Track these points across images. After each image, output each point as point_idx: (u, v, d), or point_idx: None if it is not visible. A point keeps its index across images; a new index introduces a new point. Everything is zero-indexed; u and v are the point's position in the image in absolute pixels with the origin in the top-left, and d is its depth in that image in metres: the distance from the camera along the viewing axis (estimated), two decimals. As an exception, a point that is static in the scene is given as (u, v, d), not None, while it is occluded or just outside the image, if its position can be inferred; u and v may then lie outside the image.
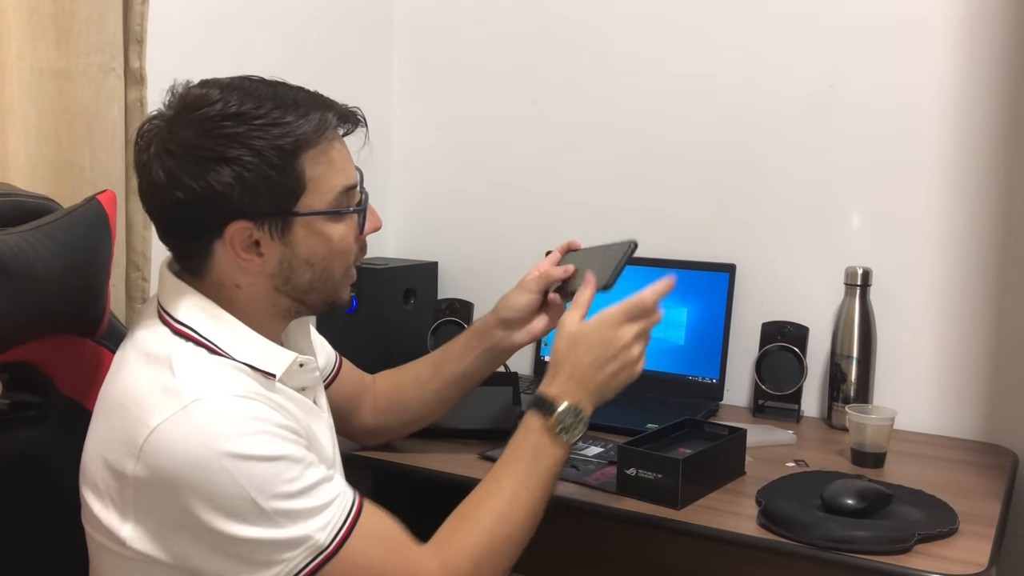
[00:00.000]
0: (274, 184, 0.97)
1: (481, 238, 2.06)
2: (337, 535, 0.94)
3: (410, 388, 1.39)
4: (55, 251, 1.02)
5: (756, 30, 1.77)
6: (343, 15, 1.98)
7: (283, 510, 0.91)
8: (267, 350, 1.01)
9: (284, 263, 1.02)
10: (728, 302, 1.76)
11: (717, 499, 1.30)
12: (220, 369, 0.97)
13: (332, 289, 1.07)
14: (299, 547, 0.92)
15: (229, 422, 0.91)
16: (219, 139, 0.96)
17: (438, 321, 1.89)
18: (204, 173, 0.95)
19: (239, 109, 0.96)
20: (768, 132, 1.77)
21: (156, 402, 0.92)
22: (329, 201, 1.02)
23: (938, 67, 1.63)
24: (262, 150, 0.96)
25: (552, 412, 1.10)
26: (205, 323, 1.00)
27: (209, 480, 0.89)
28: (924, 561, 1.11)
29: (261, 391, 0.97)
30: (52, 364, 1.08)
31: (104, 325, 1.11)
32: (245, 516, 0.90)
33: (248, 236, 0.99)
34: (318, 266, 1.04)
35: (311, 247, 1.02)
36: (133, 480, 0.91)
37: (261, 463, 0.91)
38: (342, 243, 1.04)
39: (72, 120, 1.28)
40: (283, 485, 0.91)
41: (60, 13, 1.25)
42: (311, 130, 0.99)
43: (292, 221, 1.00)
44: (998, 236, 1.61)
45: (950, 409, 1.65)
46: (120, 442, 0.92)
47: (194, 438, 0.89)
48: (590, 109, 1.94)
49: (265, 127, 0.97)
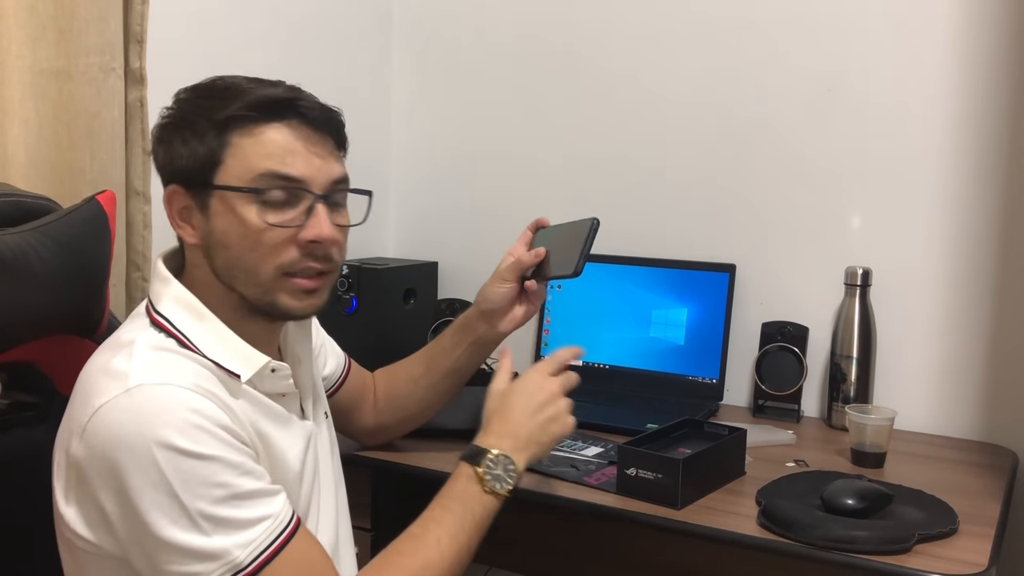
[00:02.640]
0: (198, 151, 0.99)
1: (481, 238, 2.06)
2: (259, 557, 0.89)
3: (404, 386, 1.39)
4: (55, 251, 1.02)
5: (756, 31, 1.77)
6: (343, 15, 1.98)
7: (207, 514, 0.88)
8: (239, 351, 1.00)
9: (206, 239, 1.01)
10: (728, 302, 1.76)
11: (717, 499, 1.30)
12: (177, 360, 0.95)
13: (260, 286, 1.01)
14: (216, 560, 0.88)
15: (166, 411, 0.89)
16: (172, 111, 1.02)
17: (438, 321, 1.88)
18: (162, 141, 1.02)
19: (195, 87, 1.03)
20: (769, 132, 1.77)
21: (103, 384, 0.91)
22: (247, 180, 0.98)
23: (938, 68, 1.63)
24: (195, 118, 1.00)
25: (480, 461, 1.07)
26: (182, 317, 0.99)
27: (139, 465, 0.87)
28: (924, 561, 1.11)
29: (213, 390, 0.95)
30: (51, 364, 1.08)
31: (103, 325, 1.11)
32: (168, 511, 0.87)
33: (182, 205, 1.02)
34: (232, 250, 1.00)
35: (224, 226, 0.99)
36: (76, 460, 0.90)
37: (191, 459, 0.88)
38: (259, 232, 0.98)
39: (72, 120, 1.28)
40: (211, 488, 0.88)
41: (60, 13, 1.25)
42: (251, 109, 0.98)
43: (210, 194, 1.00)
44: (998, 236, 1.61)
45: (950, 409, 1.65)
46: (71, 423, 0.93)
47: (130, 421, 0.88)
48: (591, 110, 1.94)
49: (208, 99, 1.00)
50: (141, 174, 1.38)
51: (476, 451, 1.08)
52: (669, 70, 1.85)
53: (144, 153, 1.38)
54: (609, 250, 1.83)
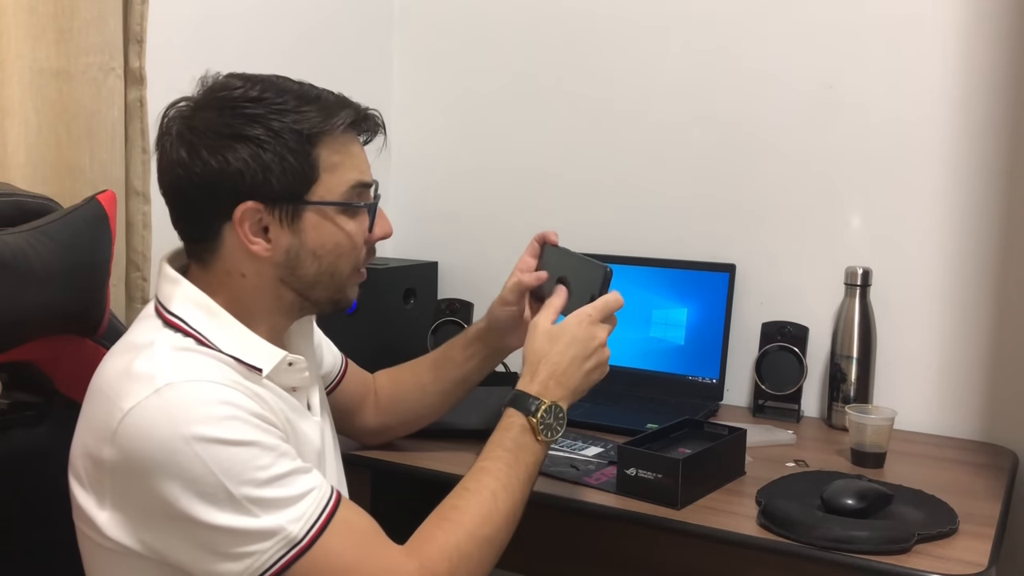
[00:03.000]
0: (289, 167, 0.99)
1: (481, 238, 2.06)
2: (312, 528, 0.92)
3: (411, 389, 1.39)
4: (55, 251, 1.02)
5: (755, 31, 1.77)
6: (344, 12, 1.98)
7: (254, 497, 0.89)
8: (256, 346, 1.01)
9: (291, 253, 1.02)
10: (728, 302, 1.76)
11: (717, 499, 1.30)
12: (200, 359, 0.96)
13: (338, 286, 1.07)
14: (271, 538, 0.90)
15: (199, 405, 0.90)
16: (239, 118, 0.98)
17: (438, 321, 1.88)
18: (222, 149, 0.97)
19: (260, 95, 0.99)
20: (768, 132, 1.77)
21: (130, 386, 0.91)
22: (341, 194, 1.03)
23: (939, 68, 1.63)
24: (280, 131, 0.98)
25: (535, 411, 1.09)
26: (197, 316, 1.00)
27: (180, 464, 0.88)
28: (924, 561, 1.11)
29: (240, 380, 0.96)
30: (52, 364, 1.08)
31: (104, 325, 1.11)
32: (216, 502, 0.88)
33: (258, 220, 1.00)
34: (324, 260, 1.04)
35: (319, 239, 1.03)
36: (108, 465, 0.91)
37: (231, 447, 0.89)
38: (350, 239, 1.05)
39: (72, 120, 1.28)
40: (254, 472, 0.90)
41: (60, 13, 1.25)
42: (330, 120, 1.01)
43: (303, 209, 1.01)
44: (998, 236, 1.61)
45: (950, 409, 1.65)
46: (98, 428, 0.92)
47: (164, 421, 0.89)
48: (590, 110, 1.93)
49: (284, 111, 0.99)
50: (141, 174, 1.38)
51: (527, 399, 1.09)
52: (669, 70, 1.85)
53: (144, 153, 1.38)
54: (609, 250, 1.83)
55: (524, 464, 1.07)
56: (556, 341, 1.13)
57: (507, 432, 1.08)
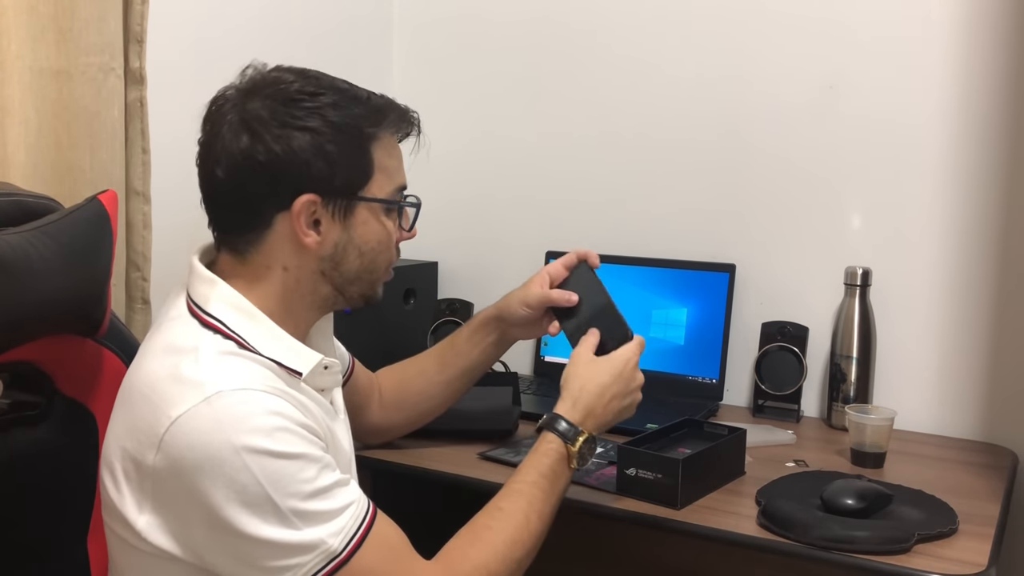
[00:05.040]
0: (351, 162, 1.02)
1: (481, 238, 2.06)
2: (350, 542, 0.93)
3: (416, 384, 1.40)
4: (57, 251, 1.01)
5: (756, 31, 1.77)
6: (343, 14, 1.98)
7: (298, 510, 0.90)
8: (295, 349, 1.02)
9: (339, 247, 1.04)
10: (728, 302, 1.76)
11: (717, 499, 1.30)
12: (245, 364, 0.96)
13: (372, 283, 1.10)
14: (311, 552, 0.91)
15: (250, 416, 0.91)
16: (300, 110, 0.99)
17: (438, 321, 1.88)
18: (287, 139, 0.98)
19: (316, 89, 1.01)
20: (768, 132, 1.77)
21: (178, 393, 0.91)
22: (389, 193, 1.07)
23: (939, 68, 1.63)
24: (342, 126, 1.01)
25: (576, 442, 1.12)
26: (235, 318, 1.00)
27: (227, 473, 0.88)
28: (924, 561, 1.11)
29: (285, 388, 0.97)
30: (53, 364, 1.08)
31: (105, 325, 1.11)
32: (261, 513, 0.89)
33: (312, 212, 1.01)
34: (367, 256, 1.07)
35: (366, 235, 1.06)
36: (153, 471, 0.91)
37: (280, 460, 0.90)
38: (390, 238, 1.09)
39: (72, 120, 1.28)
40: (300, 484, 0.91)
41: (60, 13, 1.25)
42: (383, 120, 1.05)
43: (356, 205, 1.04)
44: (998, 236, 1.61)
45: (950, 409, 1.65)
46: (141, 432, 0.92)
47: (214, 430, 0.89)
48: (590, 110, 1.93)
49: (342, 107, 1.01)
50: (141, 174, 1.38)
51: (570, 428, 1.13)
52: (669, 70, 1.85)
53: (144, 153, 1.38)
54: (609, 250, 1.83)
55: (557, 492, 1.11)
56: (602, 374, 1.17)
57: (545, 458, 1.11)
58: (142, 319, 1.38)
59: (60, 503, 1.10)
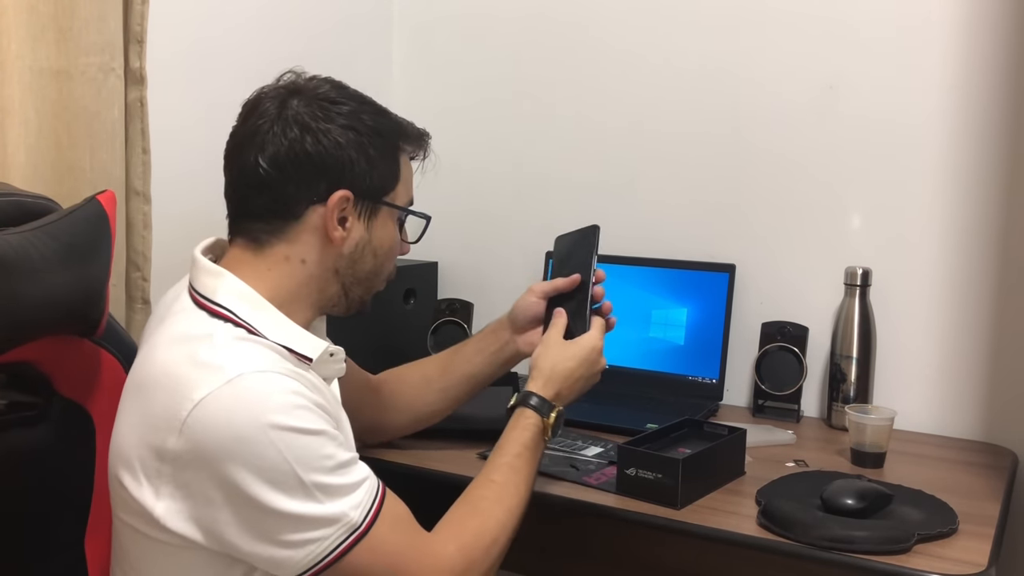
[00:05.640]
0: (385, 166, 1.09)
1: (481, 238, 2.06)
2: (368, 514, 0.97)
3: (415, 387, 1.41)
4: (58, 251, 1.01)
5: (756, 30, 1.77)
6: (343, 14, 1.98)
7: (322, 484, 0.93)
8: (302, 336, 1.04)
9: (359, 246, 1.09)
10: (728, 302, 1.76)
11: (717, 499, 1.30)
12: (260, 348, 0.99)
13: (373, 288, 1.15)
14: (334, 524, 0.94)
15: (272, 395, 0.94)
16: (340, 112, 1.05)
17: (438, 321, 1.89)
18: (335, 133, 1.04)
19: (350, 98, 1.08)
20: (768, 132, 1.77)
21: (199, 377, 0.93)
22: (405, 202, 1.14)
23: (939, 68, 1.63)
24: (381, 131, 1.08)
25: (550, 416, 1.19)
26: (243, 307, 1.02)
27: (254, 451, 0.91)
28: (923, 561, 1.11)
29: (296, 370, 1.00)
30: (50, 364, 1.07)
31: (103, 326, 1.10)
32: (286, 488, 0.92)
33: (343, 209, 1.06)
34: (379, 259, 1.12)
35: (383, 238, 1.11)
36: (173, 455, 0.92)
37: (304, 436, 0.93)
38: (396, 246, 1.15)
39: (72, 120, 1.28)
40: (322, 460, 0.94)
41: (60, 13, 1.25)
42: (406, 134, 1.12)
43: (380, 208, 1.10)
44: (998, 236, 1.61)
45: (950, 409, 1.65)
46: (159, 418, 0.93)
47: (240, 410, 0.91)
48: (590, 110, 1.93)
49: (375, 115, 1.08)
50: (141, 174, 1.38)
51: (544, 403, 1.19)
52: (670, 70, 1.85)
53: (144, 153, 1.38)
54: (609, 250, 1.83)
55: (536, 462, 1.17)
56: (569, 357, 1.23)
57: (525, 432, 1.16)
58: (142, 319, 1.37)
59: (58, 504, 1.10)
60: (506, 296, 2.01)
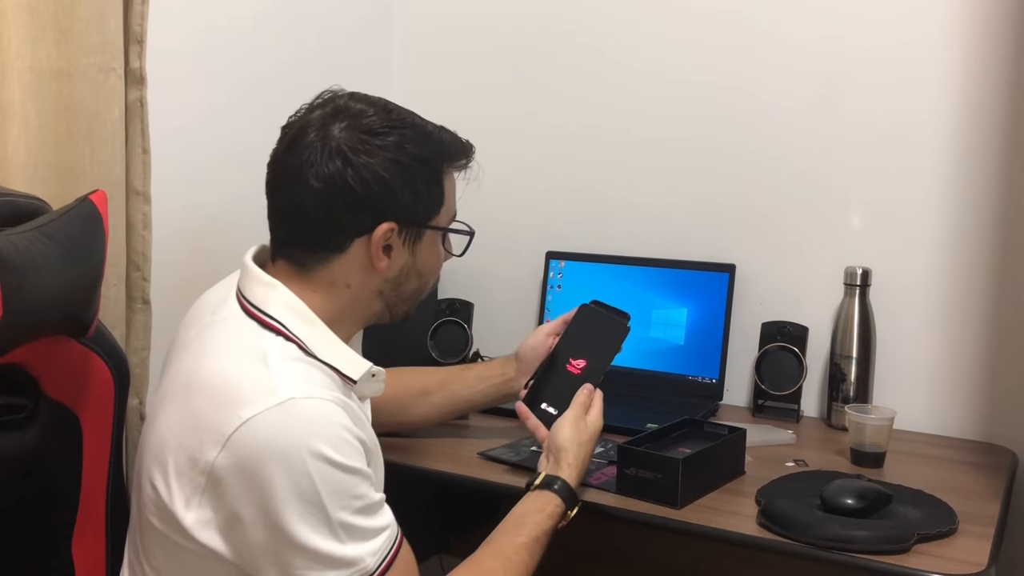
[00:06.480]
0: (430, 195, 1.09)
1: (480, 239, 2.05)
2: (382, 563, 0.96)
3: (414, 395, 1.42)
4: (56, 251, 1.01)
5: (755, 31, 1.77)
6: (343, 18, 1.98)
7: (347, 524, 0.93)
8: (347, 356, 1.05)
9: (404, 271, 1.10)
10: (728, 302, 1.76)
11: (717, 499, 1.30)
12: (312, 371, 0.99)
13: (415, 303, 1.16)
14: (350, 568, 0.93)
15: (320, 423, 0.94)
16: (385, 142, 1.04)
17: (438, 321, 1.89)
18: (378, 167, 1.03)
19: (395, 123, 1.06)
20: (768, 132, 1.77)
21: (250, 395, 0.93)
22: (447, 221, 1.14)
23: (939, 68, 1.63)
24: (425, 160, 1.07)
25: (573, 509, 1.18)
26: (295, 322, 1.02)
27: (292, 476, 0.90)
28: (923, 561, 1.11)
29: (344, 399, 1.00)
30: (39, 366, 1.06)
31: (93, 327, 1.09)
32: (312, 521, 0.91)
33: (387, 239, 1.05)
34: (423, 279, 1.14)
35: (427, 260, 1.12)
36: (212, 468, 0.92)
37: (341, 472, 0.93)
38: (440, 263, 1.16)
39: (72, 120, 1.28)
40: (353, 499, 0.94)
41: (60, 13, 1.24)
42: (452, 154, 1.11)
43: (424, 232, 1.10)
44: (998, 236, 1.61)
45: (950, 409, 1.65)
46: (204, 430, 0.93)
47: (285, 434, 0.91)
48: (590, 111, 1.94)
49: (418, 141, 1.07)
50: (141, 174, 1.38)
51: (572, 497, 1.18)
52: (669, 70, 1.85)
53: (144, 153, 1.38)
54: (609, 250, 1.83)
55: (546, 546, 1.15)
56: (588, 441, 1.24)
57: (550, 520, 1.15)
58: (142, 319, 1.37)
59: (45, 507, 1.09)
60: (506, 296, 2.03)
